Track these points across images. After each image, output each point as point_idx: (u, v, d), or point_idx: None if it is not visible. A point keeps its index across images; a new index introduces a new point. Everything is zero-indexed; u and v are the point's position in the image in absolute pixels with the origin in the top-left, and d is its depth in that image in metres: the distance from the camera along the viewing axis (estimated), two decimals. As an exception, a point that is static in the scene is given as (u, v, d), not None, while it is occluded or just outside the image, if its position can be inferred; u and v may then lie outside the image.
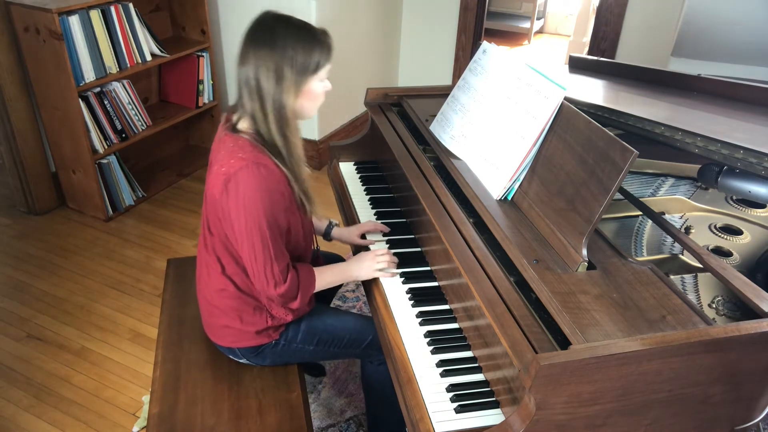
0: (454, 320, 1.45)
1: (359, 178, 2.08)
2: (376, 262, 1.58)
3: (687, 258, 1.47)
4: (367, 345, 1.62)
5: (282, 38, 1.35)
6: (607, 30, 3.55)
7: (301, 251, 1.57)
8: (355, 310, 2.52)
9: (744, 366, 1.13)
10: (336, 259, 1.87)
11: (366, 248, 1.73)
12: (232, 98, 3.75)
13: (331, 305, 2.06)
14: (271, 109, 1.37)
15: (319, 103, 1.47)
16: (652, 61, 3.29)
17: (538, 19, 6.49)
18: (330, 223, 1.82)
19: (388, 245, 1.72)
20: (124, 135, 3.04)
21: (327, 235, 1.82)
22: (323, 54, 1.39)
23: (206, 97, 3.50)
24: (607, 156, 1.26)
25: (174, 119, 3.35)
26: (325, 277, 1.56)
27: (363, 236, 1.76)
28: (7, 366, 2.23)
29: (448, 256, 1.44)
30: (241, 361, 1.61)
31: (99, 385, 2.17)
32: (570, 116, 1.40)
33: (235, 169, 1.35)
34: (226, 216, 1.41)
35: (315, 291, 1.55)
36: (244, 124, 1.43)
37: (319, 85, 1.42)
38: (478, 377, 1.30)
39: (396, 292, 1.55)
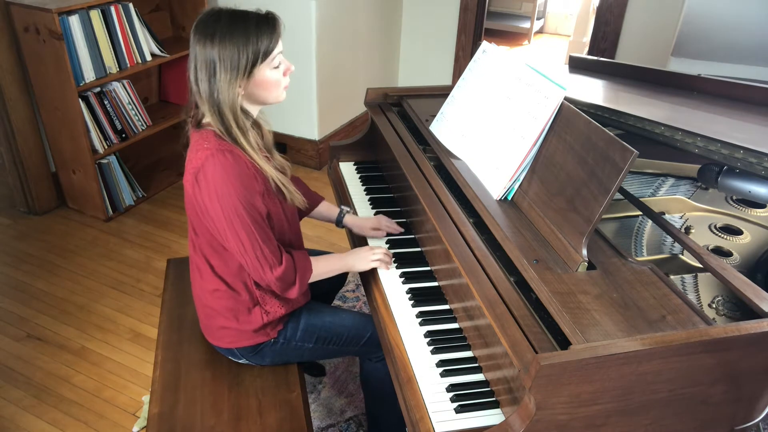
0: (454, 320, 1.45)
1: (359, 178, 2.08)
2: (372, 254, 1.59)
3: (687, 258, 1.47)
4: (366, 341, 1.62)
5: (213, 31, 1.31)
6: (607, 30, 3.55)
7: (290, 239, 1.56)
8: (355, 310, 2.52)
9: (744, 366, 1.13)
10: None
11: (364, 243, 1.74)
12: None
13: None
14: (210, 105, 1.36)
15: (281, 87, 1.43)
16: (652, 61, 3.30)
17: (538, 19, 6.49)
18: (342, 210, 1.81)
19: (388, 245, 1.72)
20: (124, 135, 3.04)
21: (339, 222, 1.81)
22: (263, 40, 1.33)
23: (206, 97, 3.49)
24: (607, 156, 1.26)
25: (174, 119, 3.35)
26: (321, 265, 1.55)
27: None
28: (7, 366, 2.23)
29: (448, 256, 1.44)
30: (240, 361, 1.61)
31: (99, 385, 2.17)
32: (570, 116, 1.40)
33: (201, 160, 1.35)
34: (204, 210, 1.39)
35: (312, 279, 1.53)
36: (207, 119, 1.41)
37: (272, 72, 1.38)
38: (478, 377, 1.30)
39: (396, 292, 1.55)
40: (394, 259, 1.65)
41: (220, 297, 1.52)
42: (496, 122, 1.59)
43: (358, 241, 1.78)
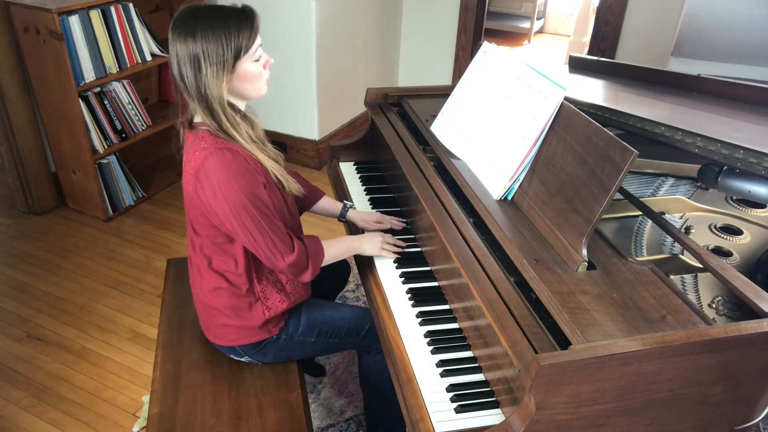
0: (454, 320, 1.45)
1: (359, 178, 2.08)
2: (383, 242, 1.63)
3: (687, 258, 1.47)
4: (366, 333, 1.64)
5: (192, 27, 1.32)
6: (607, 30, 3.55)
7: (290, 228, 1.57)
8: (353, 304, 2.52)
9: (744, 366, 1.13)
10: None
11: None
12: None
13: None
14: (198, 101, 1.37)
15: (262, 80, 1.44)
16: (652, 61, 3.30)
17: (538, 19, 6.49)
18: (345, 204, 1.83)
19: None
20: (124, 135, 3.04)
21: (342, 216, 1.83)
22: (243, 33, 1.34)
23: (206, 97, 3.49)
24: (607, 156, 1.26)
25: (174, 119, 3.34)
26: (332, 248, 1.57)
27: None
28: (7, 366, 2.23)
29: (448, 256, 1.44)
30: (242, 359, 1.61)
31: (99, 385, 2.17)
32: (570, 116, 1.40)
33: (200, 159, 1.36)
34: (210, 209, 1.40)
35: (325, 263, 1.55)
36: (198, 118, 1.43)
37: (253, 65, 1.39)
38: (478, 377, 1.30)
39: (396, 292, 1.55)
40: (394, 259, 1.65)
41: (221, 295, 1.52)
42: (496, 122, 1.59)
43: (356, 232, 1.79)
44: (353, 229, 1.83)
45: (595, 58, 2.10)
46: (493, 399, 1.24)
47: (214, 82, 1.34)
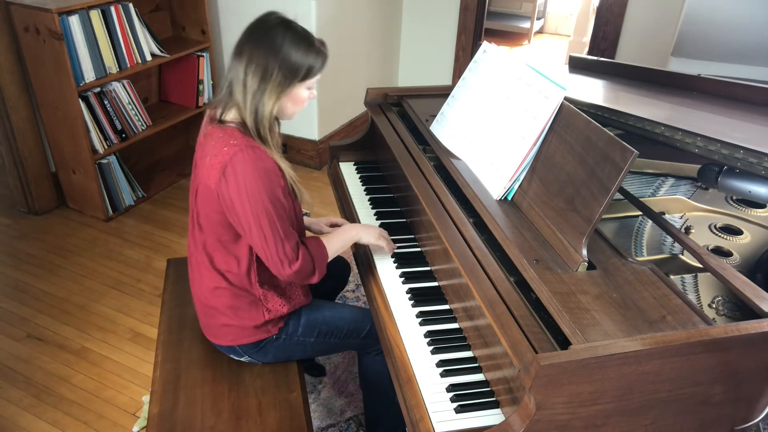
0: (454, 320, 1.45)
1: (359, 178, 2.08)
2: (381, 232, 1.64)
3: (687, 258, 1.47)
4: (366, 334, 1.64)
5: (278, 40, 1.38)
6: (607, 30, 3.55)
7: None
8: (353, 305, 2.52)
9: (744, 366, 1.13)
10: None
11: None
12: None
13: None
14: (251, 105, 1.40)
15: (300, 108, 1.50)
16: (652, 61, 3.30)
17: (538, 19, 6.49)
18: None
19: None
20: (124, 135, 3.04)
21: None
22: (316, 64, 1.42)
23: (206, 97, 3.50)
24: (607, 156, 1.26)
25: (174, 119, 3.35)
26: (333, 243, 1.58)
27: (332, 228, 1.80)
28: (7, 366, 2.23)
29: (448, 256, 1.44)
30: (242, 359, 1.61)
31: (99, 385, 2.17)
32: (570, 116, 1.40)
33: (229, 155, 1.37)
34: (229, 204, 1.41)
35: (329, 259, 1.56)
36: (230, 115, 1.45)
37: (305, 92, 1.46)
38: (478, 377, 1.30)
39: (396, 292, 1.55)
40: (394, 259, 1.65)
41: (221, 295, 1.52)
42: (496, 122, 1.59)
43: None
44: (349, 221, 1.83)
45: (595, 58, 2.10)
46: (493, 399, 1.24)
47: (274, 93, 1.40)
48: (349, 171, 2.12)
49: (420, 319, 1.45)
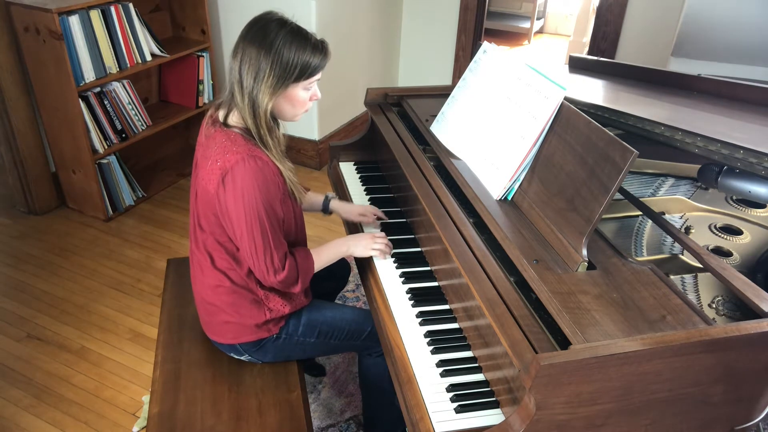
0: (454, 320, 1.45)
1: (359, 178, 2.08)
2: (373, 242, 1.62)
3: (687, 258, 1.47)
4: (367, 336, 1.64)
5: (272, 39, 1.36)
6: (607, 30, 3.55)
7: (295, 239, 1.59)
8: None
9: (744, 366, 1.13)
10: None
11: (360, 230, 1.77)
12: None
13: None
14: (248, 105, 1.40)
15: (302, 110, 1.49)
16: (652, 61, 3.30)
17: (538, 19, 6.49)
18: (327, 196, 1.84)
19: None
20: (124, 135, 3.04)
21: (326, 209, 1.84)
22: (311, 63, 1.40)
23: (206, 97, 3.50)
24: (607, 156, 1.26)
25: (174, 119, 3.35)
26: (322, 256, 1.59)
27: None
28: (7, 366, 2.23)
29: (448, 256, 1.44)
30: (242, 357, 1.62)
31: (99, 385, 2.17)
32: (570, 116, 1.40)
33: (231, 163, 1.37)
34: (224, 210, 1.42)
35: (316, 270, 1.56)
36: (234, 118, 1.45)
37: (303, 93, 1.44)
38: (478, 377, 1.30)
39: (396, 292, 1.55)
40: (394, 259, 1.65)
41: (222, 293, 1.53)
42: (496, 122, 1.59)
43: (354, 232, 1.79)
44: (351, 228, 1.83)
45: (595, 58, 2.10)
46: (493, 399, 1.24)
47: (267, 93, 1.38)
48: (349, 171, 2.12)
49: (420, 319, 1.45)
